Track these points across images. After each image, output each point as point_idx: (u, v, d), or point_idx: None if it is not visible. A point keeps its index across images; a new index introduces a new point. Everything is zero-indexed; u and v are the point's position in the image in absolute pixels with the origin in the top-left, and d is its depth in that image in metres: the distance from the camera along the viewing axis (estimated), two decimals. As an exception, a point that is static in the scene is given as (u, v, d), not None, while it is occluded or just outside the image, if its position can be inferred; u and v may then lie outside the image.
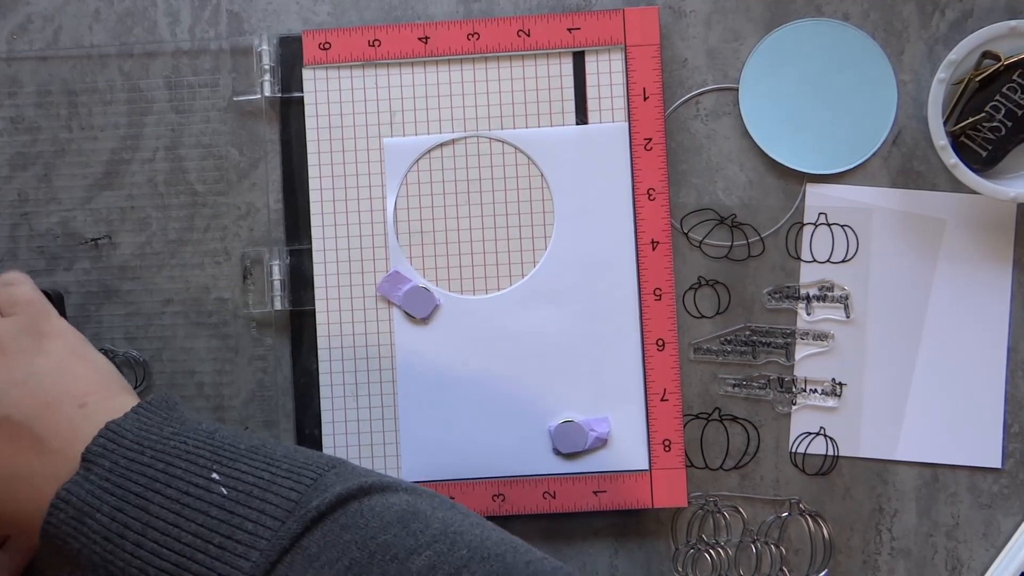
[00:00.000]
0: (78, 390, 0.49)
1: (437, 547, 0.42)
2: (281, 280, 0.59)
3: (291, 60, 0.60)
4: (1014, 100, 0.56)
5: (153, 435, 0.46)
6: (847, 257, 0.59)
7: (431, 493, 0.46)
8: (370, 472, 0.46)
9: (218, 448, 0.46)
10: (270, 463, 0.45)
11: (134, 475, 0.45)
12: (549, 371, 0.59)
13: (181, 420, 0.48)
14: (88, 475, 0.45)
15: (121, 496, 0.44)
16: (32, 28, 0.61)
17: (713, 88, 0.60)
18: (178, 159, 0.60)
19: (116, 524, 0.44)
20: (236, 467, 0.45)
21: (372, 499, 0.44)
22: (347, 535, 0.42)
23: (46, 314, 0.52)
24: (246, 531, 0.43)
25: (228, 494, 0.44)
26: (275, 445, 0.47)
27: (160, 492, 0.44)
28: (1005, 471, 0.59)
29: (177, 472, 0.45)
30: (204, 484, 0.44)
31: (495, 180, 0.59)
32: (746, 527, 0.59)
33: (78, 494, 0.45)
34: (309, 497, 0.43)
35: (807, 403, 0.59)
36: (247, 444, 0.46)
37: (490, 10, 0.60)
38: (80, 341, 0.52)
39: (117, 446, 0.46)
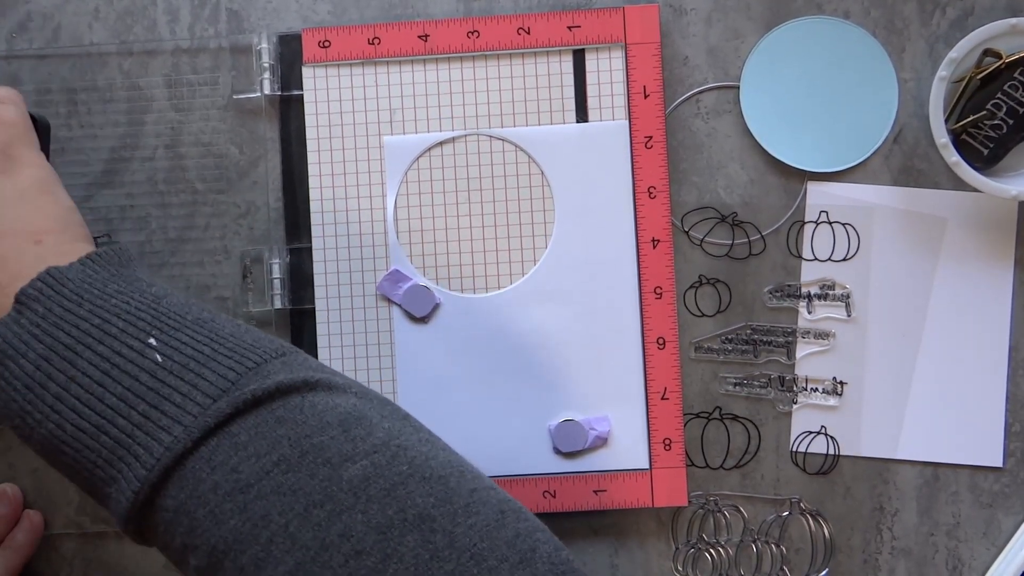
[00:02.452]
0: (36, 226, 0.46)
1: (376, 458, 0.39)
2: (281, 279, 0.59)
3: (291, 58, 0.60)
4: (1015, 98, 0.56)
5: (96, 288, 0.43)
6: (848, 255, 0.59)
7: (384, 400, 0.43)
8: (322, 367, 0.43)
9: (162, 313, 0.43)
10: (214, 339, 0.42)
11: (67, 325, 0.42)
12: (549, 370, 0.58)
13: (130, 278, 0.45)
14: (19, 318, 0.42)
15: (49, 345, 0.42)
16: (32, 26, 0.61)
17: (714, 86, 0.60)
18: (178, 157, 0.60)
19: (39, 373, 0.41)
20: (177, 336, 0.42)
21: (316, 395, 0.41)
22: (281, 429, 0.40)
23: (25, 142, 0.49)
24: (173, 403, 0.40)
25: (162, 362, 0.41)
26: (227, 322, 0.44)
27: (90, 347, 0.41)
28: (1006, 470, 0.59)
29: (113, 330, 0.42)
30: (139, 348, 0.41)
31: (495, 178, 0.59)
32: (747, 526, 0.59)
33: (5, 335, 0.42)
34: (247, 380, 0.41)
35: (808, 402, 0.59)
36: (195, 315, 0.43)
37: (490, 8, 0.60)
38: (52, 177, 0.49)
39: (55, 292, 0.43)
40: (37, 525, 0.59)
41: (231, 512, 0.38)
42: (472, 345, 0.59)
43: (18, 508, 0.59)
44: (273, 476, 0.39)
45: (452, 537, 0.37)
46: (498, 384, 0.59)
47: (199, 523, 0.39)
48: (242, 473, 0.39)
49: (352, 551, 0.37)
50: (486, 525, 0.38)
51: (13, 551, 0.57)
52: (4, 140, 0.48)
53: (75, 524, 0.60)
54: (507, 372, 0.59)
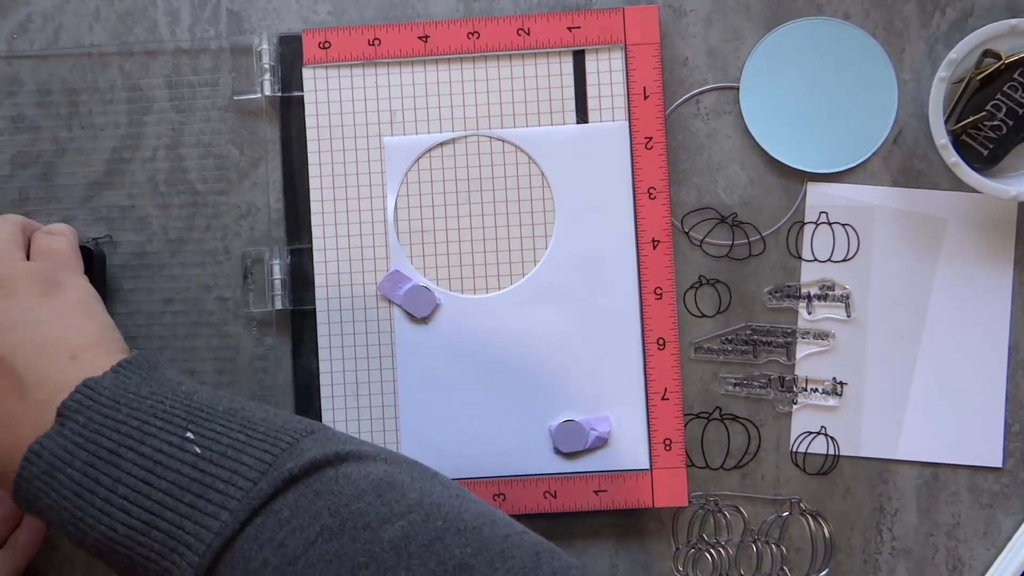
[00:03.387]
0: (74, 342, 0.48)
1: (412, 517, 0.41)
2: (281, 279, 0.59)
3: (291, 59, 0.60)
4: (1015, 99, 0.56)
5: (130, 393, 0.45)
6: (848, 256, 0.59)
7: (412, 462, 0.45)
8: (350, 438, 0.46)
9: (195, 408, 0.45)
10: (247, 425, 0.44)
11: (107, 431, 0.44)
12: (550, 370, 0.59)
13: (161, 380, 0.47)
14: (62, 430, 0.44)
15: (93, 452, 0.44)
16: (32, 27, 0.61)
17: (713, 87, 0.60)
18: (178, 158, 0.60)
19: (87, 480, 0.43)
20: (211, 427, 0.44)
21: (348, 466, 0.43)
22: (320, 501, 0.42)
23: (69, 267, 0.53)
24: (217, 491, 0.42)
25: (201, 453, 0.43)
26: (256, 408, 0.46)
27: (133, 449, 0.43)
28: (1006, 470, 0.59)
29: (151, 430, 0.44)
30: (178, 443, 0.43)
31: (495, 179, 0.59)
32: (747, 527, 0.59)
33: (51, 448, 0.44)
34: (283, 460, 0.43)
35: (808, 402, 0.59)
36: (225, 406, 0.46)
37: (490, 9, 0.60)
38: (92, 298, 0.52)
39: (93, 402, 0.45)
40: (38, 527, 0.59)
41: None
42: (472, 346, 0.59)
43: None
44: (318, 545, 0.41)
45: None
46: (498, 384, 0.59)
47: None
48: (288, 547, 0.41)
49: None
50: (523, 567, 0.40)
51: (15, 552, 0.57)
52: (50, 267, 0.52)
53: (76, 524, 0.60)
54: (507, 372, 0.59)
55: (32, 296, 0.50)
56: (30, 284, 0.50)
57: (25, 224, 0.55)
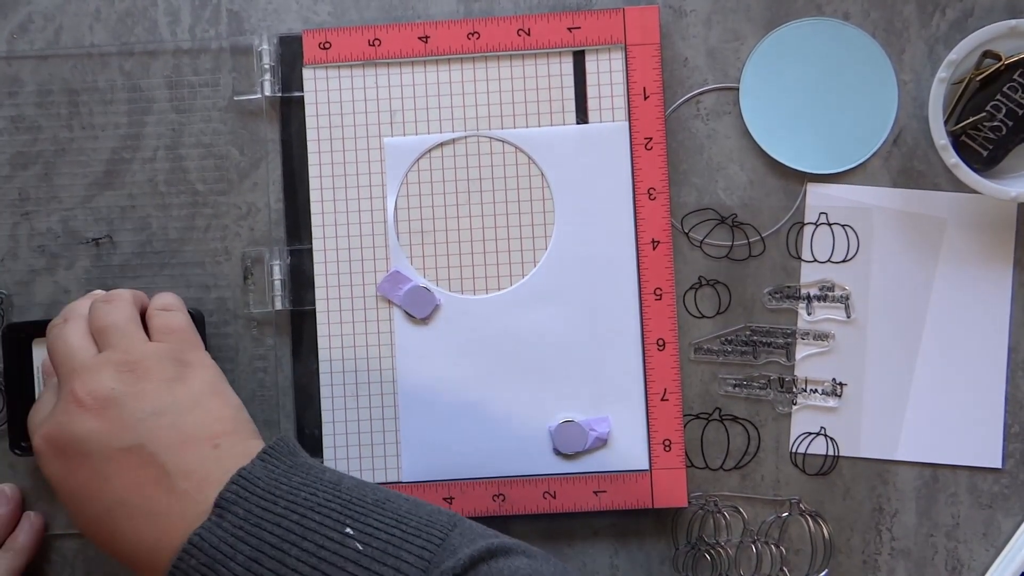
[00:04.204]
0: (213, 429, 0.48)
1: None
2: (281, 280, 0.59)
3: (291, 59, 0.60)
4: (1015, 99, 0.56)
5: (283, 484, 0.46)
6: (848, 257, 0.59)
7: (545, 555, 0.47)
8: (486, 531, 0.47)
9: (347, 501, 0.46)
10: (399, 519, 0.46)
11: (269, 525, 0.44)
12: (549, 371, 0.59)
13: (305, 468, 0.48)
14: (221, 522, 0.45)
15: (256, 546, 0.44)
16: (33, 27, 0.61)
17: (713, 87, 0.60)
18: (178, 159, 0.60)
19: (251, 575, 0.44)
20: (367, 522, 0.45)
21: (499, 562, 0.44)
22: None
23: (193, 344, 0.52)
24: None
25: (363, 550, 0.44)
26: (396, 497, 0.47)
27: (296, 544, 0.44)
28: (1005, 471, 0.59)
29: (312, 524, 0.44)
30: (339, 539, 0.44)
31: (495, 180, 0.59)
32: (746, 527, 0.59)
33: (211, 540, 0.44)
34: (441, 557, 0.44)
35: (807, 403, 0.59)
36: (372, 497, 0.47)
37: (490, 9, 0.60)
38: (219, 376, 0.52)
39: (250, 494, 0.45)
40: (38, 526, 0.59)
41: None
42: (472, 346, 0.59)
43: (18, 509, 0.59)
44: None
45: None
46: (498, 385, 0.59)
47: None
48: None
49: None
50: None
51: (15, 553, 0.57)
52: (176, 347, 0.51)
53: (76, 524, 0.60)
54: (507, 373, 0.59)
55: (165, 380, 0.49)
56: (161, 367, 0.50)
57: (135, 298, 0.54)
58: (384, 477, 0.59)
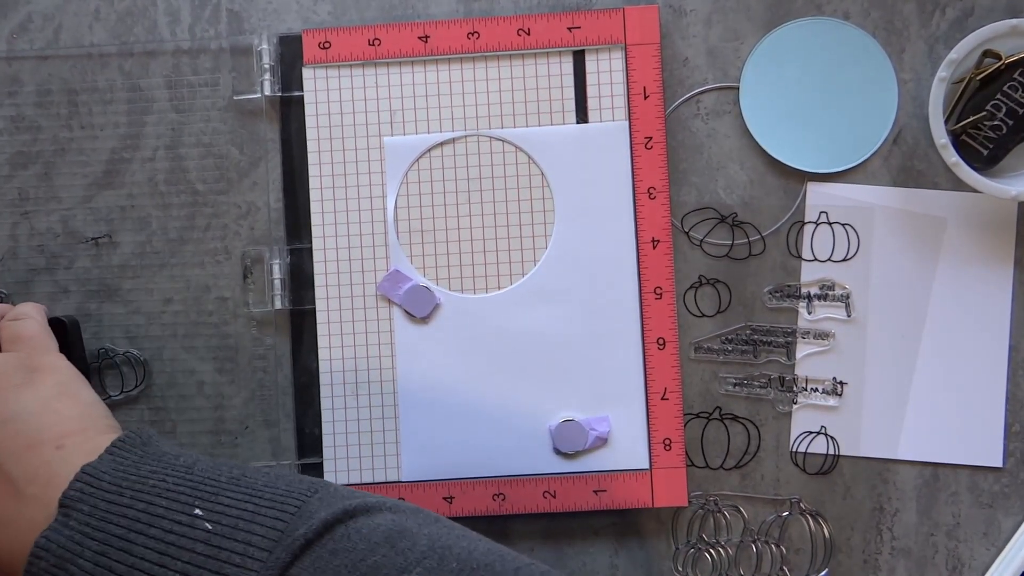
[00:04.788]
0: (58, 430, 0.48)
1: (427, 563, 0.42)
2: (281, 279, 0.59)
3: (291, 59, 0.60)
4: (1015, 99, 0.56)
5: (131, 475, 0.45)
6: (848, 256, 0.59)
7: (415, 508, 0.46)
8: (352, 493, 0.46)
9: (198, 482, 0.45)
10: (252, 493, 0.45)
11: (114, 517, 0.44)
12: (549, 370, 0.59)
13: (158, 456, 0.47)
14: (67, 521, 0.44)
15: (103, 540, 0.43)
16: (32, 27, 0.61)
17: (713, 87, 0.60)
18: (178, 158, 0.60)
19: (100, 569, 0.43)
20: (218, 500, 0.44)
21: (358, 521, 0.44)
22: (336, 560, 0.42)
23: (44, 349, 0.53)
24: (234, 564, 0.42)
25: (212, 528, 0.43)
26: (255, 473, 0.47)
27: (143, 532, 0.43)
28: (1006, 470, 0.59)
29: (159, 511, 0.44)
30: (187, 520, 0.44)
31: (495, 179, 0.59)
32: (746, 526, 0.59)
33: (58, 541, 0.44)
34: (295, 525, 0.43)
35: (808, 402, 0.59)
36: (227, 475, 0.46)
37: (490, 9, 0.60)
38: (72, 377, 0.51)
39: (95, 489, 0.45)
40: None
41: None
42: (472, 345, 0.59)
43: None
44: None
45: None
46: (498, 384, 0.59)
47: None
48: None
49: None
50: None
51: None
52: (26, 355, 0.51)
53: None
54: (507, 372, 0.59)
55: (12, 388, 0.49)
56: (7, 376, 0.50)
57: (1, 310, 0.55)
58: (384, 477, 0.59)
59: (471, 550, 0.43)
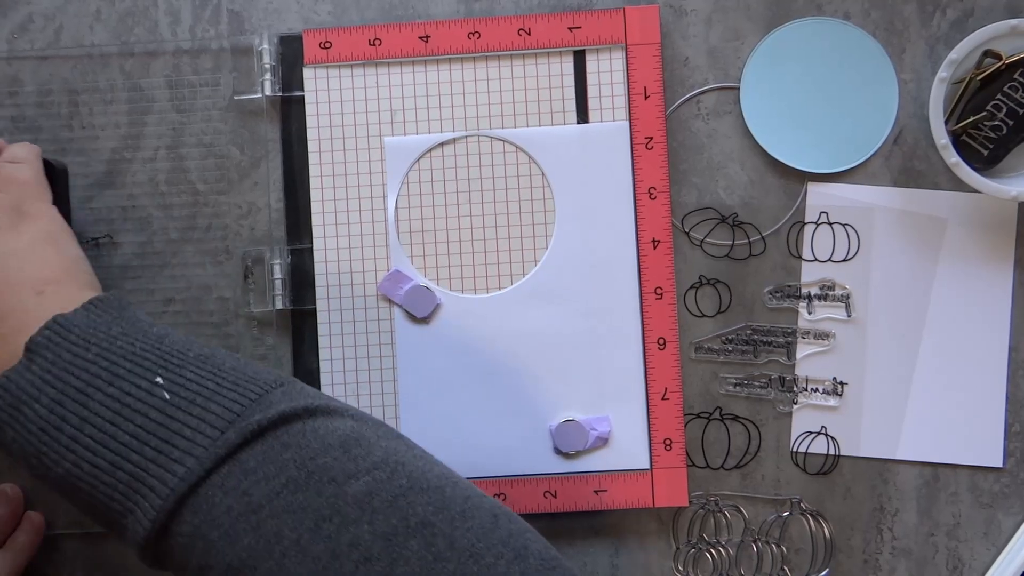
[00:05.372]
0: (39, 276, 0.48)
1: (376, 474, 0.42)
2: (282, 279, 0.59)
3: (292, 59, 0.60)
4: (1015, 99, 0.56)
5: (100, 332, 0.45)
6: (848, 256, 0.59)
7: (378, 422, 0.46)
8: (319, 394, 0.46)
9: (165, 353, 0.45)
10: (217, 373, 0.45)
11: (76, 370, 0.44)
12: (550, 370, 0.59)
13: (132, 320, 0.47)
14: (30, 365, 0.45)
15: (61, 389, 0.44)
16: (33, 27, 0.61)
17: (714, 87, 0.60)
18: (179, 158, 0.60)
19: (54, 416, 0.43)
20: (182, 373, 0.44)
21: (316, 421, 0.43)
22: (287, 453, 0.42)
23: (36, 196, 0.52)
24: (184, 437, 0.42)
25: (170, 399, 0.43)
26: (227, 357, 0.46)
27: (101, 389, 0.44)
28: (1006, 470, 0.59)
29: (121, 372, 0.44)
30: (147, 387, 0.44)
31: (496, 179, 0.59)
32: (747, 526, 0.59)
33: (17, 382, 0.44)
34: (252, 411, 0.43)
35: (808, 402, 0.59)
36: (196, 352, 0.46)
37: (491, 9, 0.60)
38: (60, 228, 0.51)
39: (62, 339, 0.45)
40: (38, 526, 0.59)
41: (244, 532, 0.41)
42: (473, 345, 0.59)
43: (19, 508, 0.59)
44: (283, 496, 0.41)
45: (452, 539, 0.40)
46: (499, 384, 0.59)
47: (214, 544, 0.41)
48: (253, 496, 0.41)
49: (361, 558, 0.39)
50: (481, 527, 0.41)
51: (15, 552, 0.57)
52: (16, 198, 0.51)
53: (77, 524, 0.60)
54: (508, 372, 0.59)
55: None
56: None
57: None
58: (385, 477, 0.59)
59: (424, 470, 0.43)
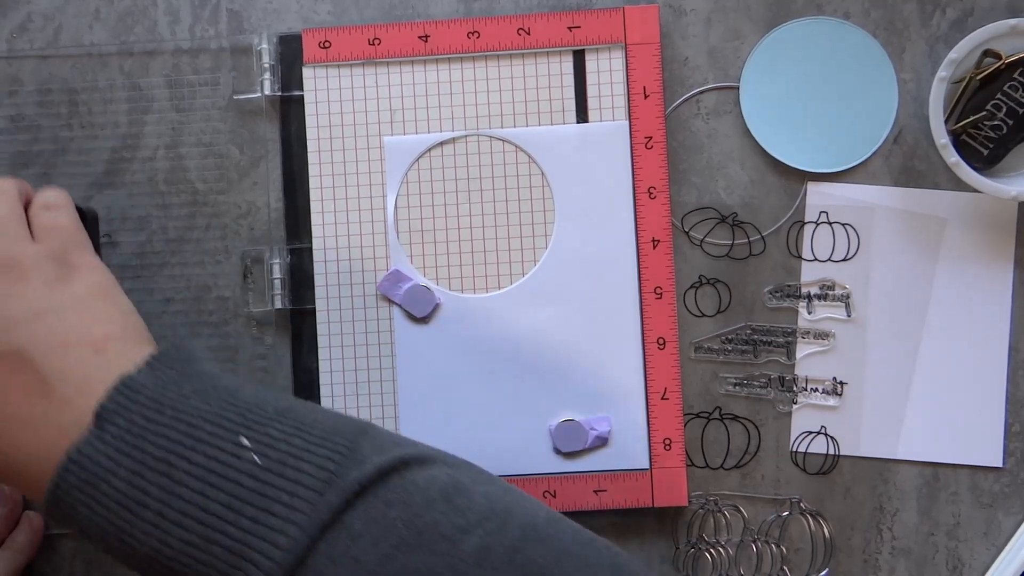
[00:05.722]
0: (98, 332, 0.44)
1: (487, 525, 0.39)
2: (281, 279, 0.59)
3: (291, 59, 0.60)
4: (1015, 98, 0.56)
5: (172, 392, 0.42)
6: (848, 256, 0.59)
7: (467, 464, 0.43)
8: (402, 439, 0.43)
9: (244, 409, 0.42)
10: (301, 427, 0.41)
11: (154, 436, 0.40)
12: (549, 370, 0.59)
13: (199, 375, 0.43)
14: (102, 434, 0.41)
15: (140, 459, 0.40)
16: (32, 27, 0.61)
17: (714, 87, 0.60)
18: (178, 158, 0.60)
19: (135, 490, 0.40)
20: (266, 431, 0.41)
21: (412, 472, 0.41)
22: (392, 512, 0.39)
23: (79, 245, 0.48)
24: (281, 503, 0.39)
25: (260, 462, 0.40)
26: (300, 406, 0.43)
27: (184, 456, 0.40)
28: (1006, 470, 0.59)
29: (202, 435, 0.40)
30: (232, 450, 0.40)
31: (495, 179, 0.59)
32: (747, 526, 0.59)
33: (91, 455, 0.40)
34: (346, 468, 0.40)
35: (808, 402, 0.59)
36: (273, 406, 0.42)
37: (490, 8, 0.60)
38: (108, 279, 0.47)
39: (133, 403, 0.41)
40: (37, 526, 0.59)
41: None
42: (472, 345, 0.59)
43: (18, 508, 0.59)
44: (396, 559, 0.39)
45: None
46: (498, 384, 0.59)
47: None
48: (365, 562, 0.39)
49: None
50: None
51: (14, 552, 0.57)
52: (59, 248, 0.47)
53: (76, 524, 0.60)
54: (507, 372, 0.59)
55: (46, 282, 0.45)
56: (40, 267, 0.45)
57: (20, 191, 0.50)
58: (384, 476, 0.59)
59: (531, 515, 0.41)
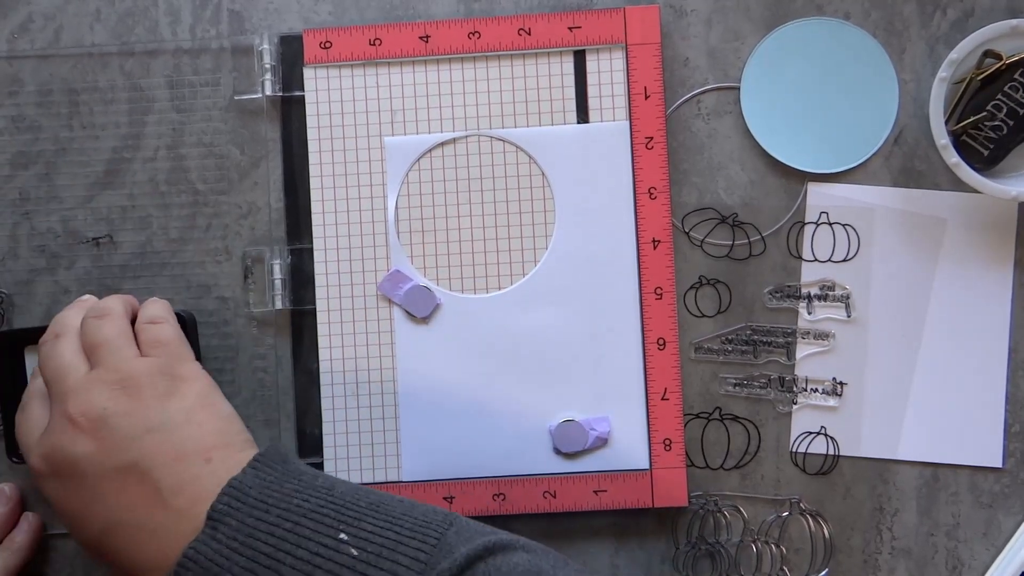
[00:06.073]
0: (205, 443, 0.48)
1: None
2: (282, 279, 0.59)
3: (292, 59, 0.60)
4: (1015, 99, 0.56)
5: (275, 492, 0.46)
6: (848, 256, 0.59)
7: (544, 549, 0.46)
8: (483, 528, 0.47)
9: (340, 506, 0.46)
10: (393, 521, 0.45)
11: (262, 535, 0.44)
12: (550, 370, 0.59)
13: (297, 474, 0.48)
14: (215, 534, 0.45)
15: (251, 556, 0.44)
16: (33, 27, 0.61)
17: (714, 87, 0.60)
18: (179, 158, 0.60)
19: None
20: (361, 526, 0.45)
21: (496, 559, 0.44)
22: None
23: (183, 357, 0.52)
24: None
25: (358, 555, 0.44)
26: (390, 499, 0.47)
27: (291, 553, 0.44)
28: (1006, 470, 0.59)
29: (306, 532, 0.44)
30: (333, 544, 0.44)
31: (496, 179, 0.59)
32: (747, 527, 0.59)
33: (206, 553, 0.44)
34: (437, 558, 0.44)
35: (808, 402, 0.59)
36: (366, 500, 0.47)
37: (491, 9, 0.60)
38: (211, 387, 0.51)
39: (242, 504, 0.45)
40: (36, 526, 0.59)
41: None
42: (472, 345, 0.59)
43: (17, 508, 0.59)
44: None
45: None
46: (498, 384, 0.59)
47: None
48: None
49: None
50: None
51: (12, 552, 0.57)
52: (167, 361, 0.51)
53: (76, 524, 0.60)
54: (507, 373, 0.59)
55: (157, 396, 0.49)
56: (152, 384, 0.49)
57: (126, 308, 0.54)
58: (384, 477, 0.59)
59: None
